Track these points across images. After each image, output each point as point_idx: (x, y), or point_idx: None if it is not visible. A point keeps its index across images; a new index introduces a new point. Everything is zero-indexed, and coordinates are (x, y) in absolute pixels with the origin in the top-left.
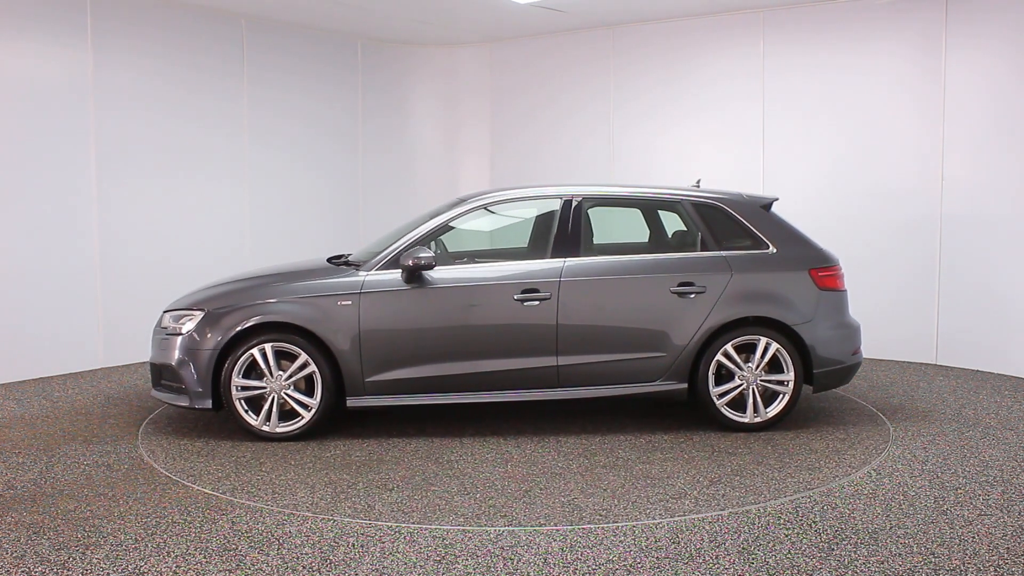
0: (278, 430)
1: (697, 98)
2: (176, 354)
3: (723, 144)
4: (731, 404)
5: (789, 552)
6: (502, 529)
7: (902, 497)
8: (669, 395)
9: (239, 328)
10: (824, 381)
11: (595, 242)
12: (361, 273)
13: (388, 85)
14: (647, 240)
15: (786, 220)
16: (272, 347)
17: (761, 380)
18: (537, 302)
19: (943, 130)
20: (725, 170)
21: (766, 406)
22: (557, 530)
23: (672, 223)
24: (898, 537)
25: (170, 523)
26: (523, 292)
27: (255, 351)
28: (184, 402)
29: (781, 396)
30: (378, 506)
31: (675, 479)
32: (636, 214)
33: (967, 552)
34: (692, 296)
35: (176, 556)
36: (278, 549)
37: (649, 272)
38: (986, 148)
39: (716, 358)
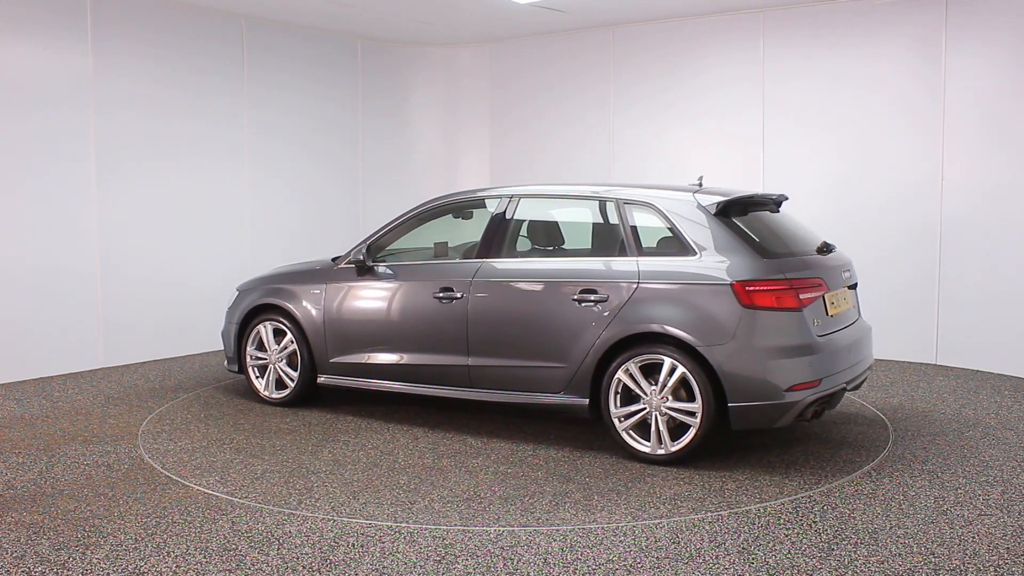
0: (273, 396)
1: (697, 98)
2: (225, 327)
3: (723, 144)
4: (638, 430)
5: (789, 552)
6: (502, 529)
7: (902, 497)
8: (572, 410)
9: (249, 307)
10: (742, 418)
11: (547, 243)
12: (334, 266)
13: (388, 85)
14: (588, 242)
15: (756, 223)
16: (272, 326)
17: (666, 407)
18: (451, 301)
19: (943, 132)
20: (725, 170)
21: (676, 438)
22: (557, 530)
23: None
24: (898, 537)
25: (170, 523)
26: (441, 291)
27: (260, 327)
28: (226, 364)
29: (690, 428)
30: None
31: (471, 491)
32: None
33: (967, 552)
34: (593, 305)
35: (176, 556)
36: (278, 549)
37: (553, 277)
38: (986, 150)
39: (617, 376)
